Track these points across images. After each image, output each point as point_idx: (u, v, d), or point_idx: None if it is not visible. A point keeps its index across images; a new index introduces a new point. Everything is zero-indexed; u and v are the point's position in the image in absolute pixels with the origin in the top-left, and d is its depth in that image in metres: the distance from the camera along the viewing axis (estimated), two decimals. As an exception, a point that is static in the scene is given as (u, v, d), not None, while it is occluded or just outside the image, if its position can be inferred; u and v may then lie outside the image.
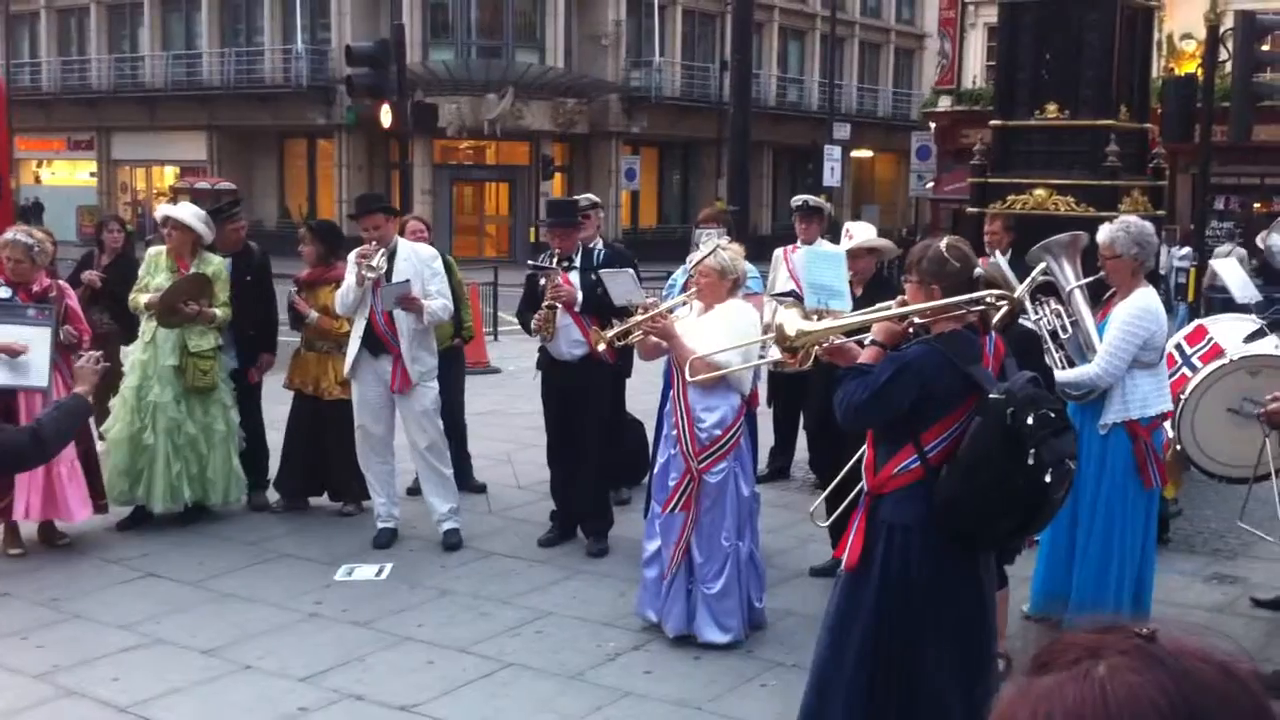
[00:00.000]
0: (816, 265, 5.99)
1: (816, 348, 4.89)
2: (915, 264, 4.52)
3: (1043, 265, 6.17)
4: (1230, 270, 9.90)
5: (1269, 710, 1.17)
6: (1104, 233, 6.25)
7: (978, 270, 4.50)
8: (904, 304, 4.60)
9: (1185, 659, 1.17)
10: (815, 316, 5.05)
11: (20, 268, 7.68)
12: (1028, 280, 5.74)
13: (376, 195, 9.29)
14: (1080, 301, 6.42)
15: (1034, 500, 4.24)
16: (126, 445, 8.14)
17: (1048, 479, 4.16)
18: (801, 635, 6.36)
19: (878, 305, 4.85)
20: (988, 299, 4.46)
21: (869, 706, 4.43)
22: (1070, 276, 6.51)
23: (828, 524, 6.35)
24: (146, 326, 8.23)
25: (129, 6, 43.67)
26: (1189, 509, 8.60)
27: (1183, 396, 7.13)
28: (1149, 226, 6.41)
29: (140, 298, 8.21)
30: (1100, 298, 6.51)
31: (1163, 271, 17.64)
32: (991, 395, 4.24)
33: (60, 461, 7.33)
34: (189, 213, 8.34)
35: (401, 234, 8.24)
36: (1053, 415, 4.21)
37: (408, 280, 7.76)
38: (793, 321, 4.88)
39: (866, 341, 4.64)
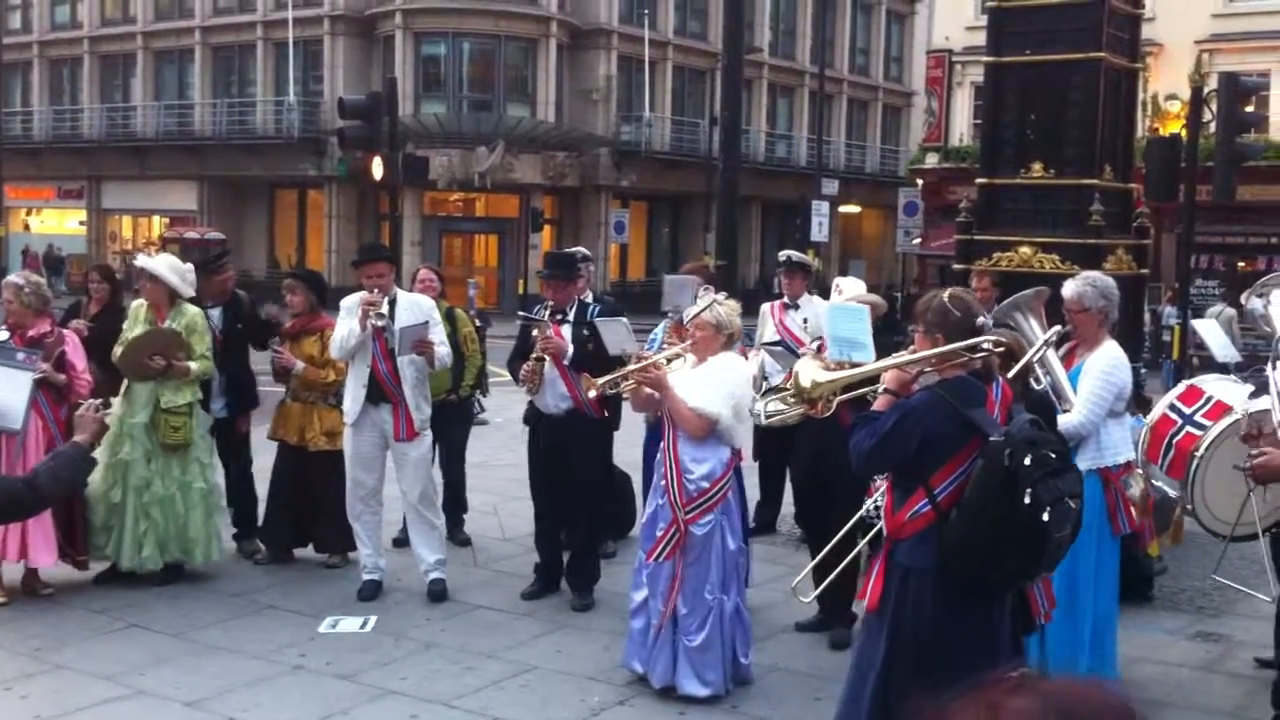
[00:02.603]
0: (840, 319, 6.01)
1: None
2: (921, 314, 4.72)
3: (1056, 329, 6.24)
4: (1210, 331, 9.97)
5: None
6: (1071, 288, 6.42)
7: (981, 319, 4.62)
8: (914, 353, 4.77)
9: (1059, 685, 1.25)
10: (835, 367, 5.16)
11: (11, 308, 7.67)
12: (1036, 347, 5.79)
13: (380, 245, 9.36)
14: (1050, 353, 6.49)
15: (1035, 540, 4.31)
16: (101, 502, 8.02)
17: (1045, 518, 4.23)
18: (787, 691, 6.35)
19: (893, 355, 4.98)
20: (985, 345, 4.58)
21: None
22: (1038, 330, 6.58)
23: (814, 596, 6.35)
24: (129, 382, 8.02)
25: (122, 57, 43.95)
26: (1174, 566, 8.60)
27: (1196, 454, 7.08)
28: (1112, 281, 6.59)
29: (118, 350, 8.04)
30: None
31: (1148, 329, 17.72)
32: (992, 439, 4.35)
33: None
34: (163, 264, 8.15)
35: (411, 283, 8.27)
36: (1052, 456, 4.32)
37: (425, 322, 7.78)
38: (808, 372, 5.00)
39: (879, 390, 4.79)
